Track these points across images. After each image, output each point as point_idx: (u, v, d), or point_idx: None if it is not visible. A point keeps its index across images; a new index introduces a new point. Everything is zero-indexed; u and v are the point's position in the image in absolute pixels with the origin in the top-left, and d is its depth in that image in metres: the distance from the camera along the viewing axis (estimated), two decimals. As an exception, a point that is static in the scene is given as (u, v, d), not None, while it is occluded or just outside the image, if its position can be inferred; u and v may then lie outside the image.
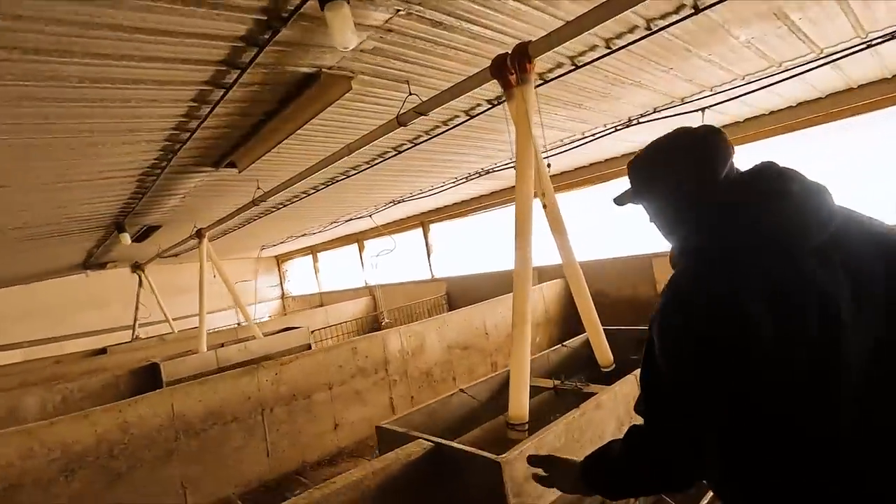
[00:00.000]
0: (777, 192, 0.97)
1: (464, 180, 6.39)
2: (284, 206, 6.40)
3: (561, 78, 3.11)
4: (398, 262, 10.83)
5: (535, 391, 2.66)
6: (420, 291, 9.98)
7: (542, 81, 3.17)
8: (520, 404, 2.02)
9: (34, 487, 3.01)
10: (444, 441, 1.73)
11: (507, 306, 6.47)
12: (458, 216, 9.23)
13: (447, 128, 3.93)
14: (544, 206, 2.48)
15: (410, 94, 2.86)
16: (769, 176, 1.02)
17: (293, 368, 4.25)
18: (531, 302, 2.09)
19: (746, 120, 5.22)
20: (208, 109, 2.66)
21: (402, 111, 2.89)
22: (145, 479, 3.41)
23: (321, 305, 12.73)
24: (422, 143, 4.26)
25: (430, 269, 9.77)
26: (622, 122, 4.59)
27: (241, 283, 12.61)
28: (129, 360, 7.64)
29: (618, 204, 1.23)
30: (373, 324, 9.54)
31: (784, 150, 5.33)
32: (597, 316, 2.65)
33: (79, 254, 8.05)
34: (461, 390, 2.41)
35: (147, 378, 5.70)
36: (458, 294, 9.40)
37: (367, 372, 4.75)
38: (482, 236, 9.52)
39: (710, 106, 4.26)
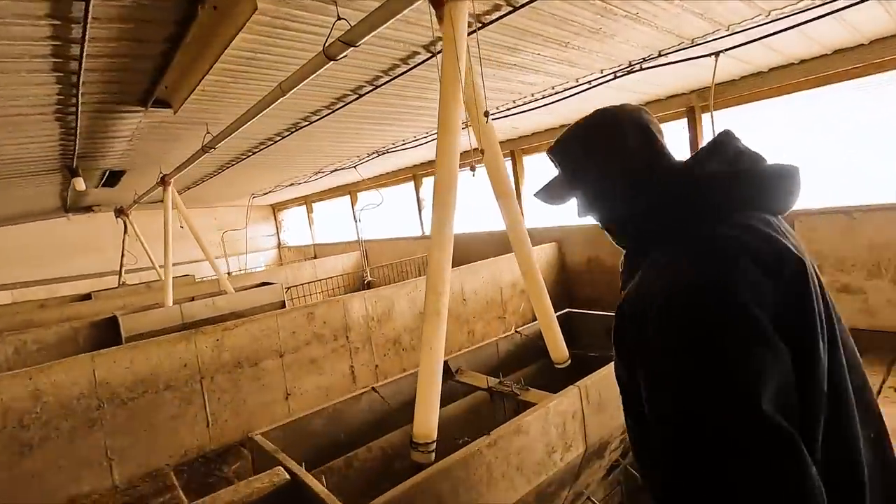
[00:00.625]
0: (750, 170, 0.89)
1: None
2: (253, 153, 5.90)
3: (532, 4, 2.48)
4: (389, 216, 10.37)
5: (469, 389, 2.25)
6: (411, 248, 9.56)
7: (511, 8, 2.56)
8: (426, 420, 1.62)
9: (-72, 459, 2.75)
10: (303, 476, 1.34)
11: (490, 271, 6.07)
12: (452, 170, 8.60)
13: (408, 67, 3.34)
14: (481, 156, 1.95)
15: (339, 17, 2.28)
16: (735, 149, 0.92)
17: (238, 334, 3.90)
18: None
19: (771, 70, 4.49)
20: (79, 29, 2.14)
21: (329, 43, 2.33)
22: (62, 450, 3.15)
23: (315, 257, 12.43)
24: (384, 84, 3.68)
25: (422, 226, 9.30)
26: (622, 66, 3.92)
27: (232, 232, 12.37)
28: (111, 308, 7.47)
29: (544, 200, 1.10)
30: (360, 281, 9.21)
31: (816, 106, 4.63)
32: (549, 301, 2.18)
33: (51, 197, 7.71)
34: (373, 389, 2.01)
35: (107, 331, 5.45)
36: (455, 252, 8.95)
37: (324, 339, 4.40)
38: (476, 193, 8.95)
39: (727, 49, 3.58)
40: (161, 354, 3.53)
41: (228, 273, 11.81)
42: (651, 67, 3.91)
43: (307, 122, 4.63)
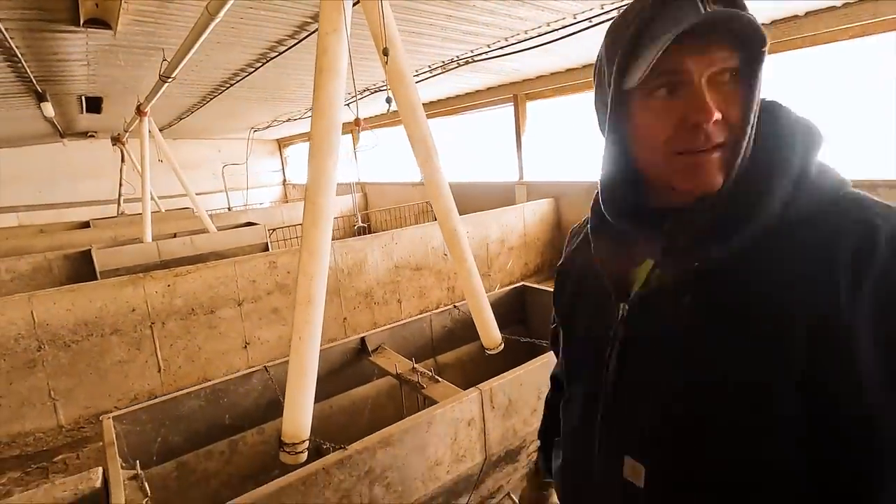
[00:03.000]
0: None
1: (439, 71, 5.27)
2: (231, 84, 5.52)
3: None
4: (390, 160, 9.96)
5: (380, 374, 2.02)
6: (409, 195, 9.23)
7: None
8: (296, 419, 1.40)
9: None
10: (113, 484, 1.15)
11: (477, 226, 5.73)
12: (451, 113, 8.09)
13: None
14: (388, 102, 1.60)
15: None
16: None
17: (192, 280, 3.73)
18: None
19: (808, 14, 3.85)
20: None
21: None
22: (1, 388, 3.10)
23: (317, 197, 12.19)
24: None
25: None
26: (604, 7, 3.36)
27: (233, 166, 12.14)
28: (107, 237, 7.45)
29: None
30: (352, 225, 8.98)
31: (859, 60, 4.01)
32: (479, 279, 1.89)
33: (39, 121, 7.49)
34: (265, 368, 1.80)
35: (82, 264, 5.38)
36: (446, 202, 8.61)
37: (288, 289, 4.22)
38: (480, 139, 8.45)
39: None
40: (106, 298, 3.40)
41: (228, 208, 11.73)
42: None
43: (275, 53, 4.21)
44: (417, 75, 5.53)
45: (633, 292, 0.65)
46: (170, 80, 4.03)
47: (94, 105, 6.62)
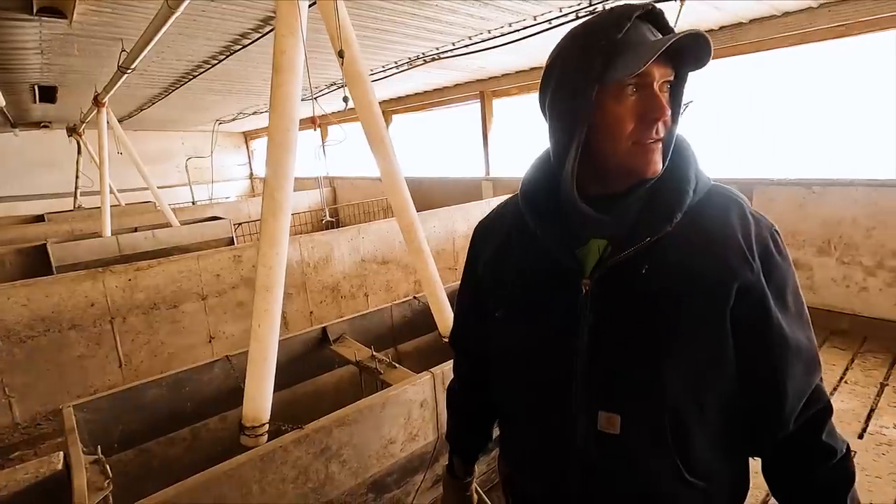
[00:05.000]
0: None
1: (406, 66, 5.33)
2: (194, 76, 5.42)
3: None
4: (360, 155, 9.94)
5: (341, 362, 2.10)
6: (378, 189, 9.24)
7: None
8: (256, 402, 1.47)
9: None
10: (75, 467, 1.19)
11: (444, 220, 5.83)
12: (420, 109, 8.15)
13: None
14: (345, 101, 1.67)
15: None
16: None
17: (154, 274, 3.70)
18: (282, 255, 1.39)
19: (752, 21, 4.09)
20: None
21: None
22: (-48, 386, 3.02)
23: (286, 191, 12.04)
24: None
25: (390, 166, 8.92)
26: (581, 6, 3.51)
27: (197, 159, 11.86)
28: (63, 231, 7.20)
29: None
30: (320, 219, 8.94)
31: (796, 66, 4.28)
32: (434, 268, 1.98)
33: (-15, 109, 7.15)
34: (227, 358, 1.86)
35: (37, 259, 5.22)
36: (416, 198, 8.65)
37: (254, 282, 4.21)
38: (448, 135, 8.54)
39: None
40: (63, 293, 3.34)
41: (192, 202, 11.46)
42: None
43: (239, 46, 4.19)
44: (384, 70, 5.58)
45: (593, 268, 0.77)
46: (129, 71, 3.96)
47: (47, 95, 6.39)
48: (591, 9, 3.56)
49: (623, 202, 0.76)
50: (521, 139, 6.84)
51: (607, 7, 3.33)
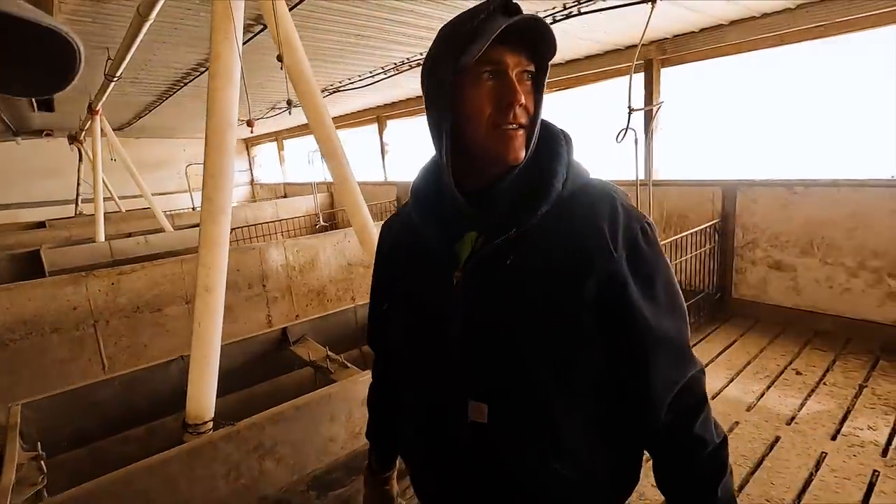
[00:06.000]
0: None
1: (393, 72, 5.38)
2: (186, 83, 5.51)
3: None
4: (356, 159, 10.01)
5: (300, 363, 2.12)
6: (372, 194, 9.29)
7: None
8: (198, 400, 1.49)
9: None
10: None
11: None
12: (415, 114, 8.21)
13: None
14: (289, 104, 1.69)
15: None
16: None
17: (136, 279, 3.75)
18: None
19: (732, 23, 4.09)
20: None
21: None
22: (-66, 388, 3.08)
23: (285, 196, 12.15)
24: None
25: (384, 171, 8.98)
26: (556, 9, 3.53)
27: (196, 166, 11.97)
28: (62, 237, 7.32)
29: None
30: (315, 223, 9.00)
31: (775, 69, 4.28)
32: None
33: (-15, 118, 7.31)
34: (181, 357, 1.88)
35: (29, 264, 5.31)
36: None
37: (238, 286, 4.27)
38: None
39: (667, -3, 3.20)
40: (45, 296, 3.40)
41: (193, 208, 11.58)
42: (591, 12, 3.53)
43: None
44: (371, 76, 5.63)
45: (465, 260, 0.79)
46: (115, 79, 4.04)
47: (45, 103, 6.52)
48: (566, 12, 3.59)
49: (490, 194, 0.78)
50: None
51: (576, 12, 3.34)
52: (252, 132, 2.20)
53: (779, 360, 3.56)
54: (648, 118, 4.56)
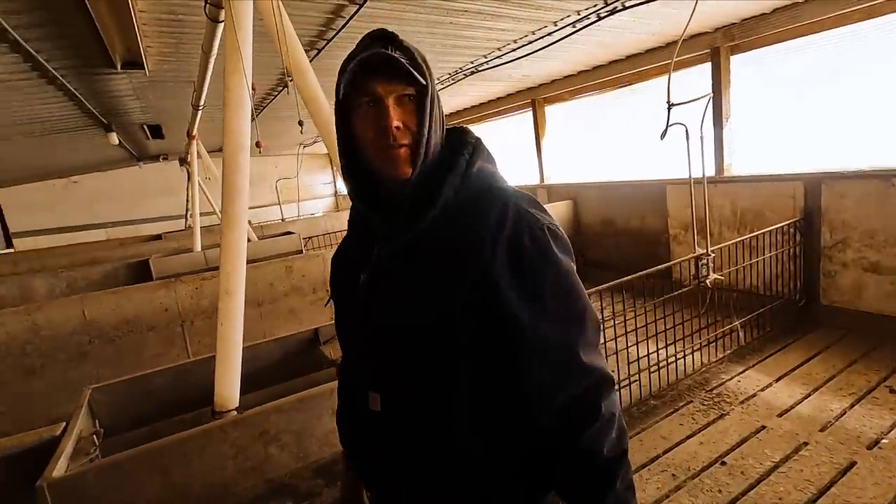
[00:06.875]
0: None
1: (450, 82, 5.51)
2: (264, 107, 6.08)
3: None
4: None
5: (328, 363, 2.27)
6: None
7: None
8: (225, 391, 1.68)
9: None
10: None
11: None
12: (477, 121, 8.30)
13: None
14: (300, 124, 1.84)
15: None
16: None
17: (215, 284, 4.17)
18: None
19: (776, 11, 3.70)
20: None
21: None
22: (59, 376, 3.69)
23: (363, 206, 12.78)
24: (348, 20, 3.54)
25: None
26: (597, 7, 3.44)
27: (285, 180, 13.03)
28: (171, 247, 8.37)
29: None
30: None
31: (859, 46, 3.79)
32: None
33: (111, 147, 8.51)
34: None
35: (141, 271, 6.13)
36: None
37: (303, 291, 4.62)
38: (506, 145, 8.58)
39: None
40: (142, 300, 3.93)
41: (282, 219, 12.62)
42: (636, 5, 3.39)
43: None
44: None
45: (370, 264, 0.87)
46: (200, 108, 4.58)
47: (155, 132, 7.50)
48: (609, 8, 3.48)
49: (392, 204, 0.84)
50: (576, 144, 6.69)
51: (621, 6, 3.24)
52: (260, 152, 2.44)
53: (870, 376, 3.13)
54: (714, 110, 4.24)
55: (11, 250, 11.49)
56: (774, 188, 4.09)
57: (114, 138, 6.01)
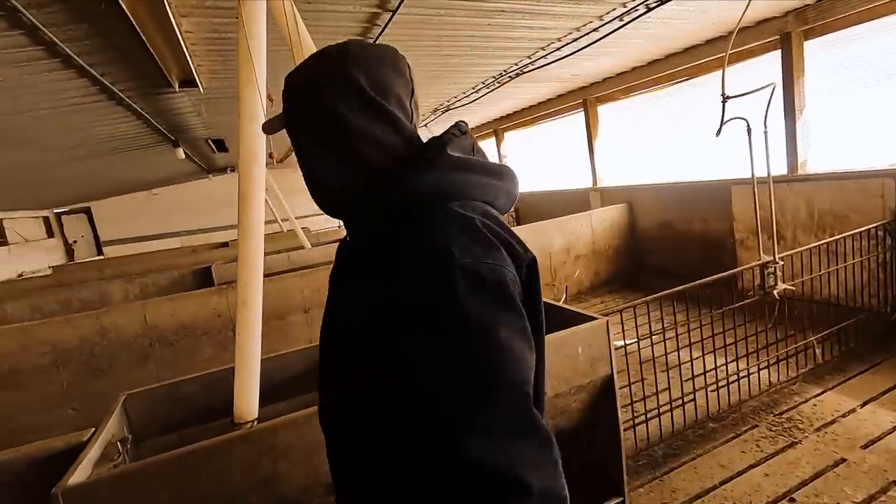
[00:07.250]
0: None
1: (496, 85, 5.41)
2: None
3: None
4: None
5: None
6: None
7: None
8: (244, 402, 1.67)
9: (32, 373, 3.67)
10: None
11: (537, 234, 5.65)
12: (529, 123, 8.11)
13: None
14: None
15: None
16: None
17: (265, 291, 4.33)
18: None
19: (896, -28, 3.26)
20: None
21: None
22: (124, 377, 3.93)
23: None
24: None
25: (502, 183, 9.01)
26: (626, 5, 3.21)
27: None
28: (234, 255, 8.86)
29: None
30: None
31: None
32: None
33: (180, 162, 9.12)
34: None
35: (204, 277, 6.49)
36: (526, 210, 8.59)
37: (348, 298, 4.66)
38: (558, 147, 8.32)
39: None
40: (197, 305, 4.13)
41: (339, 226, 13.02)
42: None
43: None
44: (475, 91, 5.74)
45: None
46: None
47: (220, 146, 7.97)
48: (660, -2, 3.24)
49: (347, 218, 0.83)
50: (631, 145, 6.36)
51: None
52: (275, 162, 2.45)
53: (983, 403, 2.67)
54: (786, 102, 3.84)
55: (101, 257, 12.67)
56: (859, 186, 3.63)
57: (180, 153, 6.43)
